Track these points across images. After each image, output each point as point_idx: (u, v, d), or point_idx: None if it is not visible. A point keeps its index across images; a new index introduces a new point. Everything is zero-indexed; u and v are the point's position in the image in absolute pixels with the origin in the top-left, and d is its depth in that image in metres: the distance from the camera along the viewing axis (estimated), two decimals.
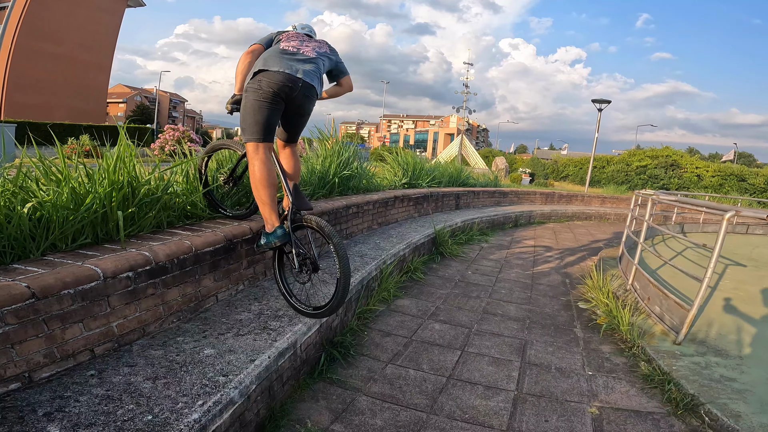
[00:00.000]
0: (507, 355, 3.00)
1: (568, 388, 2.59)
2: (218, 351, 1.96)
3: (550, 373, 2.77)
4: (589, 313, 3.96)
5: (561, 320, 3.76)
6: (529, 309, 3.99)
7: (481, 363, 2.86)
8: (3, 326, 1.37)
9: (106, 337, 1.77)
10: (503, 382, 2.63)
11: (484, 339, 3.24)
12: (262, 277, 2.99)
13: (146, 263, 1.90)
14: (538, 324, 3.63)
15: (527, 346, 3.17)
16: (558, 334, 3.43)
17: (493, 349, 3.08)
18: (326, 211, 3.88)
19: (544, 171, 23.81)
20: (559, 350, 3.13)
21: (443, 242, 5.61)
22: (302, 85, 2.33)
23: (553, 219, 9.90)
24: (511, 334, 3.37)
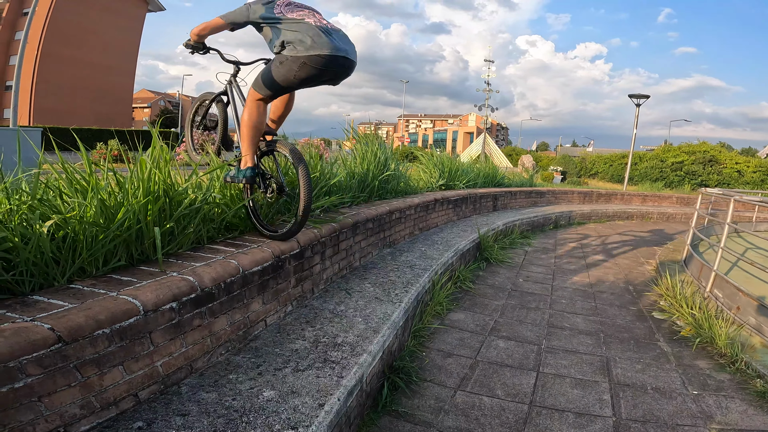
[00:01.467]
0: (590, 375, 2.65)
1: (674, 410, 2.27)
2: (279, 393, 1.64)
3: (647, 394, 2.43)
4: (669, 323, 3.57)
5: (639, 333, 3.37)
6: (599, 321, 3.59)
7: (563, 386, 2.51)
8: (24, 378, 1.07)
9: (150, 379, 1.46)
10: (595, 407, 2.29)
11: (558, 357, 2.88)
12: (310, 295, 2.67)
13: (191, 290, 1.59)
14: (614, 338, 3.25)
15: (611, 364, 2.81)
16: (641, 349, 3.06)
17: (572, 368, 2.73)
18: (371, 218, 3.55)
19: (575, 169, 22.98)
20: (649, 367, 2.77)
21: (488, 247, 5.21)
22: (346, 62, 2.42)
23: (594, 219, 9.35)
24: (587, 351, 3.00)
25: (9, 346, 1.03)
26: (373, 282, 3.11)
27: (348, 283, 3.04)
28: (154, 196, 1.77)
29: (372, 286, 3.01)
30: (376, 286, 3.03)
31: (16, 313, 1.20)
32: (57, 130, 20.96)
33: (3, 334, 1.06)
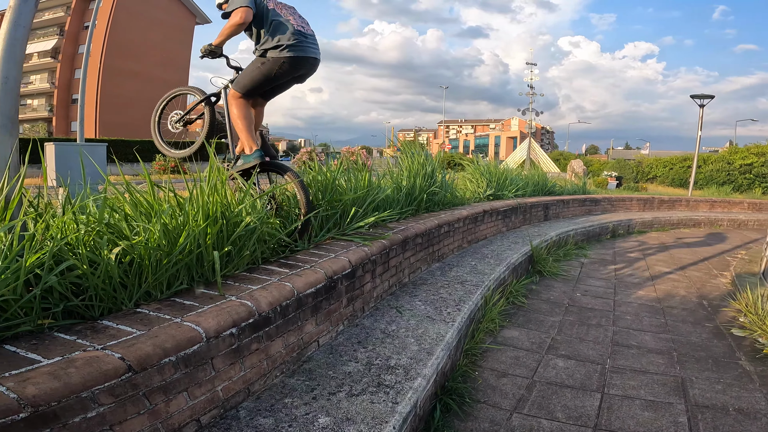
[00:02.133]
0: (663, 397, 2.42)
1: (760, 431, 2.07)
2: (334, 420, 1.60)
3: (729, 416, 2.21)
4: (751, 341, 3.24)
5: (717, 351, 3.07)
6: (671, 338, 3.31)
7: (632, 408, 2.31)
8: (96, 407, 1.09)
9: (211, 404, 1.47)
10: (670, 430, 2.11)
11: (625, 377, 2.67)
12: (361, 314, 2.63)
13: (249, 315, 1.59)
14: (689, 357, 2.98)
15: (686, 384, 2.57)
16: (721, 369, 2.78)
17: (642, 389, 2.51)
18: (420, 233, 3.48)
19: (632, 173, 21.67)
20: (730, 388, 2.52)
21: (541, 260, 4.98)
22: (315, 62, 2.83)
23: (656, 227, 8.73)
24: (658, 371, 2.76)
25: (81, 377, 1.06)
26: (424, 299, 3.03)
27: (398, 300, 2.98)
28: (213, 219, 1.80)
29: (423, 304, 2.94)
30: (426, 303, 2.95)
31: (86, 340, 1.24)
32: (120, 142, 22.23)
33: (75, 365, 1.09)
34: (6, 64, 1.41)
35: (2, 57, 1.41)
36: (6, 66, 1.41)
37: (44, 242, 1.39)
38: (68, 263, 1.30)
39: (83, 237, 1.45)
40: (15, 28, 1.45)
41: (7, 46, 1.42)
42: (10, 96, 1.41)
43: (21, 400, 0.97)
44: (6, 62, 1.41)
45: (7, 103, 1.40)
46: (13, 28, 1.44)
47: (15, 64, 1.43)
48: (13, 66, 1.42)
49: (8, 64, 1.41)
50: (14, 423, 0.95)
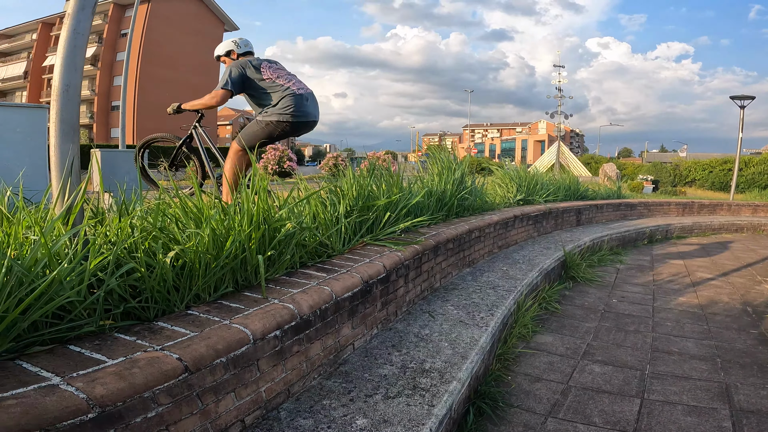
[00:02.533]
0: (706, 402, 2.34)
1: None
2: (372, 422, 1.62)
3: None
4: None
5: (763, 357, 2.95)
6: (714, 345, 3.18)
7: (674, 413, 2.24)
8: (156, 407, 1.15)
9: (255, 405, 1.52)
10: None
11: (666, 383, 2.58)
12: (394, 318, 2.65)
13: (291, 318, 1.64)
14: (734, 363, 2.87)
15: (731, 390, 2.47)
16: (766, 375, 2.67)
17: (683, 395, 2.43)
18: (451, 238, 3.47)
19: (669, 177, 20.84)
20: None
21: (575, 266, 4.86)
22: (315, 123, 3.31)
23: (696, 233, 8.38)
24: (701, 377, 2.67)
25: (144, 377, 1.11)
26: (456, 304, 3.02)
27: (430, 305, 2.99)
28: (256, 224, 1.86)
29: (455, 309, 2.93)
30: (459, 308, 2.94)
31: (145, 341, 1.30)
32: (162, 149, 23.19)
33: (138, 365, 1.14)
34: (67, 72, 1.46)
35: (64, 65, 1.46)
36: (67, 74, 1.46)
37: (103, 246, 1.48)
38: (129, 266, 1.38)
39: (141, 241, 1.53)
40: (74, 36, 1.49)
41: (67, 54, 1.47)
42: (72, 104, 1.46)
43: (90, 400, 1.01)
44: (67, 70, 1.46)
45: (69, 112, 1.46)
46: (72, 36, 1.48)
47: (76, 72, 1.47)
48: (74, 74, 1.47)
49: (69, 72, 1.46)
50: (83, 423, 0.99)
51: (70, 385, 1.04)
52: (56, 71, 1.47)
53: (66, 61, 1.48)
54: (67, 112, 1.47)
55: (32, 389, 1.00)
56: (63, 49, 1.48)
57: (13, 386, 1.01)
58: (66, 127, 1.47)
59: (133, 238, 1.53)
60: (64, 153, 1.46)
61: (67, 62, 1.48)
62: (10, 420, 0.89)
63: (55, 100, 1.44)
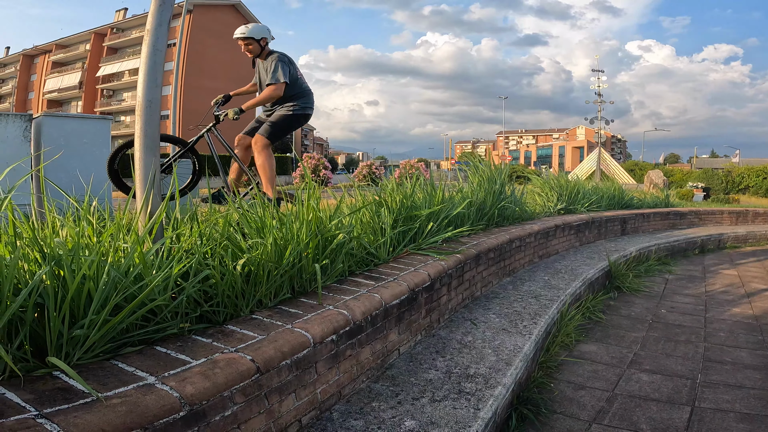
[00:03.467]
0: (760, 410, 2.28)
1: None
2: (420, 423, 1.68)
3: None
4: None
5: None
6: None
7: (726, 420, 2.19)
8: (232, 406, 1.26)
9: (311, 405, 1.62)
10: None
11: (718, 392, 2.51)
12: (437, 325, 2.70)
13: (346, 324, 1.74)
14: None
15: None
16: None
17: (736, 403, 2.36)
18: (492, 247, 3.49)
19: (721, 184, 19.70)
20: None
21: (619, 275, 4.73)
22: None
23: (751, 242, 7.91)
24: (755, 385, 2.59)
25: (225, 377, 1.22)
26: (498, 312, 3.04)
27: (472, 313, 3.02)
28: (313, 234, 1.98)
29: (497, 317, 2.95)
30: (501, 317, 2.96)
31: (220, 342, 1.43)
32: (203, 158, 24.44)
33: (218, 366, 1.26)
34: (149, 88, 1.57)
35: (146, 82, 1.56)
36: (149, 90, 1.57)
37: (179, 255, 1.63)
38: (205, 273, 1.51)
39: (216, 250, 1.67)
40: (154, 53, 1.59)
41: (149, 70, 1.58)
42: (154, 119, 1.57)
43: (182, 399, 1.10)
44: (149, 87, 1.57)
45: (151, 126, 1.57)
46: (152, 53, 1.58)
47: (156, 88, 1.57)
48: (155, 89, 1.57)
49: (151, 88, 1.57)
50: (174, 421, 1.07)
51: (165, 384, 1.13)
52: (139, 87, 1.57)
53: (148, 78, 1.57)
54: (149, 127, 1.57)
55: (132, 388, 1.10)
56: (144, 66, 1.58)
57: (114, 385, 1.11)
58: (149, 140, 1.59)
59: (209, 247, 1.67)
60: (147, 165, 1.59)
61: (149, 79, 1.57)
62: (117, 419, 0.98)
63: (138, 116, 1.56)
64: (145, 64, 1.62)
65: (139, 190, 1.70)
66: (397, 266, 2.59)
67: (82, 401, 1.02)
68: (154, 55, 1.62)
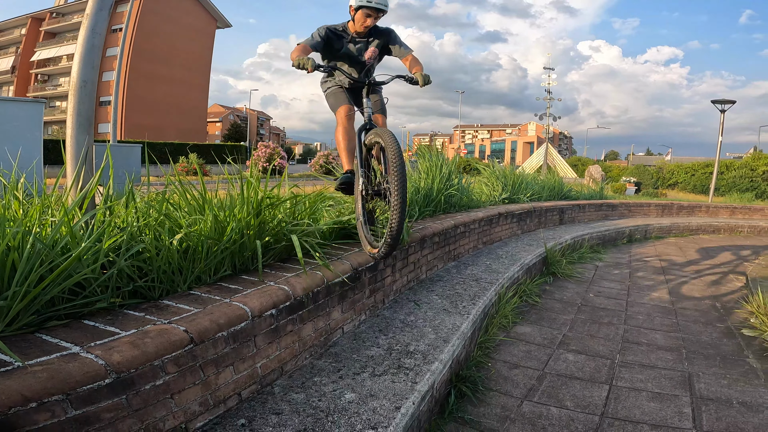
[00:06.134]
0: (669, 390, 2.53)
1: (760, 423, 2.15)
2: (359, 396, 1.77)
3: (732, 408, 2.30)
4: (760, 341, 3.30)
5: (726, 350, 3.16)
6: (681, 337, 3.39)
7: (639, 399, 2.42)
8: (163, 376, 1.27)
9: (251, 379, 1.66)
10: (674, 419, 2.20)
11: (633, 371, 2.78)
12: (381, 306, 2.80)
13: (286, 299, 1.78)
14: (698, 354, 3.07)
15: (693, 379, 2.66)
16: (728, 366, 2.87)
17: (649, 382, 2.62)
18: (436, 232, 3.63)
19: (651, 179, 21.39)
20: (736, 383, 2.60)
21: (555, 262, 5.07)
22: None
23: (674, 233, 8.68)
24: (666, 366, 2.87)
25: (155, 346, 1.24)
26: (440, 294, 3.18)
27: (416, 294, 3.14)
28: (255, 212, 1.99)
29: (439, 298, 3.09)
30: (443, 298, 3.11)
31: (153, 316, 1.43)
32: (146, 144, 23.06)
33: (149, 335, 1.27)
34: (84, 68, 1.58)
35: (82, 62, 1.58)
36: (84, 71, 1.58)
37: (112, 230, 1.59)
38: (139, 247, 1.50)
39: (151, 225, 1.65)
40: (92, 35, 1.61)
41: (85, 51, 1.60)
42: (89, 99, 1.58)
43: (108, 366, 1.12)
44: (84, 67, 1.58)
45: (85, 105, 1.58)
46: (90, 35, 1.61)
47: (92, 69, 1.60)
48: (90, 70, 1.59)
49: (86, 68, 1.58)
50: (99, 388, 1.09)
51: (89, 353, 1.15)
52: (74, 68, 1.58)
53: (84, 59, 1.60)
54: (83, 106, 1.59)
55: (55, 357, 1.10)
56: (81, 47, 1.60)
57: (37, 355, 1.11)
58: (82, 119, 1.59)
59: (144, 221, 1.65)
60: (79, 143, 1.58)
61: (85, 60, 1.60)
62: (37, 384, 0.99)
63: (72, 95, 1.55)
64: (82, 46, 1.65)
65: (70, 166, 1.67)
66: (343, 247, 2.65)
67: (3, 369, 1.00)
68: (92, 37, 1.66)
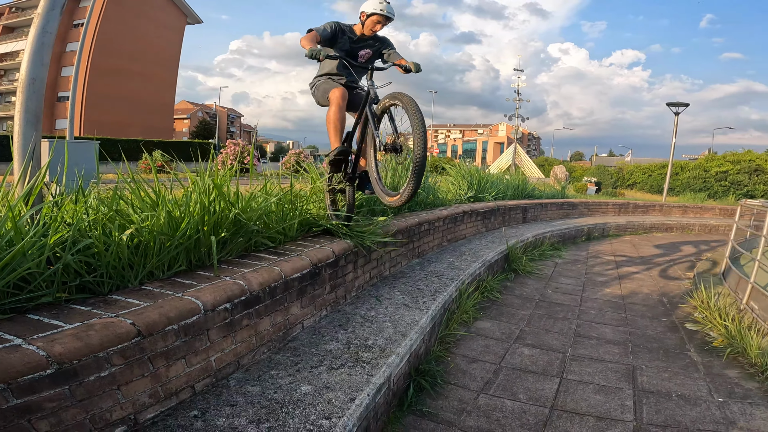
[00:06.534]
0: (615, 383, 2.68)
1: (697, 416, 2.29)
2: (315, 388, 1.81)
3: (671, 401, 2.45)
4: (702, 335, 3.53)
5: (670, 343, 3.36)
6: (629, 331, 3.59)
7: (586, 391, 2.56)
8: (109, 367, 1.28)
9: (205, 372, 1.67)
10: (617, 412, 2.34)
11: (583, 365, 2.93)
12: (343, 301, 2.85)
13: (242, 293, 1.80)
14: (643, 348, 3.26)
15: (636, 372, 2.83)
16: (670, 359, 3.06)
17: (596, 375, 2.77)
18: (401, 229, 3.71)
19: (611, 179, 22.32)
20: (676, 376, 2.78)
21: (516, 259, 5.25)
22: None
23: (630, 231, 9.13)
24: (613, 359, 3.03)
25: (100, 338, 1.25)
26: (402, 290, 3.26)
27: (378, 290, 3.21)
28: (210, 209, 2.00)
29: (401, 294, 3.16)
30: (404, 294, 3.18)
31: (101, 310, 1.42)
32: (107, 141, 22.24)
33: (94, 328, 1.27)
34: (34, 66, 1.58)
35: (30, 60, 1.58)
36: (33, 68, 1.58)
37: (60, 226, 1.57)
38: (86, 242, 1.49)
39: (100, 220, 1.64)
40: (42, 34, 1.61)
41: (35, 50, 1.59)
42: (37, 95, 1.58)
43: (49, 357, 1.13)
44: (33, 64, 1.58)
45: (33, 102, 1.57)
46: (41, 33, 1.61)
47: (42, 67, 1.60)
48: (39, 68, 1.59)
49: (35, 66, 1.58)
50: (41, 379, 1.10)
51: (31, 345, 1.16)
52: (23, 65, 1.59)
53: (33, 57, 1.61)
54: (32, 102, 1.60)
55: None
56: (31, 45, 1.61)
57: None
58: (30, 116, 1.59)
59: (92, 217, 1.63)
60: (27, 139, 1.57)
61: (34, 58, 1.61)
62: None
63: (21, 92, 1.55)
64: (31, 44, 1.67)
65: (17, 162, 1.65)
66: (304, 244, 2.68)
67: None
68: (42, 36, 1.67)
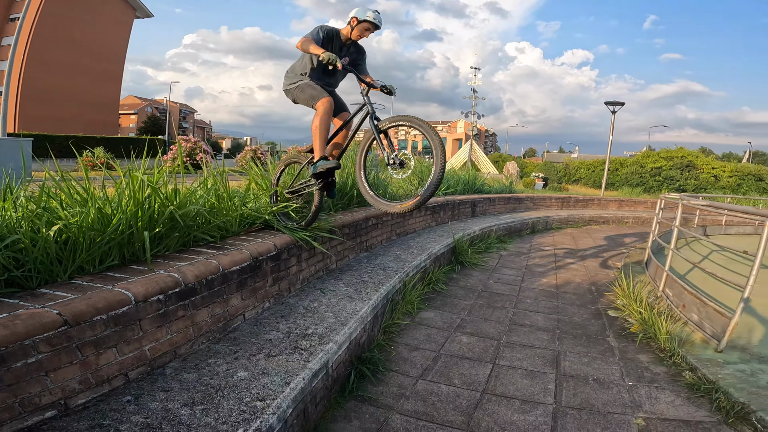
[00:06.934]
0: (541, 368, 2.91)
1: (609, 399, 2.52)
2: (252, 374, 1.90)
3: (588, 385, 2.68)
4: (621, 321, 3.85)
5: (592, 330, 3.66)
6: (558, 318, 3.89)
7: (515, 376, 2.78)
8: (36, 354, 1.32)
9: (139, 361, 1.72)
10: (540, 395, 2.55)
11: (514, 351, 3.16)
12: (287, 294, 2.93)
13: (176, 285, 1.85)
14: (569, 334, 3.53)
15: (561, 358, 3.08)
16: (591, 344, 3.33)
17: (525, 361, 3.00)
18: (347, 224, 3.82)
19: (557, 175, 23.58)
20: (595, 361, 3.04)
21: (463, 252, 5.51)
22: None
23: (571, 224, 9.73)
24: (542, 345, 3.28)
25: (25, 327, 1.28)
26: (347, 282, 3.38)
27: (323, 283, 3.31)
28: (144, 205, 2.03)
29: (345, 286, 3.28)
30: (349, 286, 3.30)
31: (28, 302, 1.45)
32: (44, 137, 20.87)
33: (20, 318, 1.31)
34: None
35: None
36: None
37: None
38: (12, 238, 1.50)
39: (28, 216, 1.64)
40: None
41: None
42: None
43: None
44: None
45: None
46: None
47: None
48: None
49: None
50: None
51: None
52: None
53: None
54: None
55: None
56: None
57: None
58: None
59: (19, 214, 1.64)
60: None
61: None
62: None
63: None
64: None
65: None
66: (246, 238, 2.74)
67: None
68: None
